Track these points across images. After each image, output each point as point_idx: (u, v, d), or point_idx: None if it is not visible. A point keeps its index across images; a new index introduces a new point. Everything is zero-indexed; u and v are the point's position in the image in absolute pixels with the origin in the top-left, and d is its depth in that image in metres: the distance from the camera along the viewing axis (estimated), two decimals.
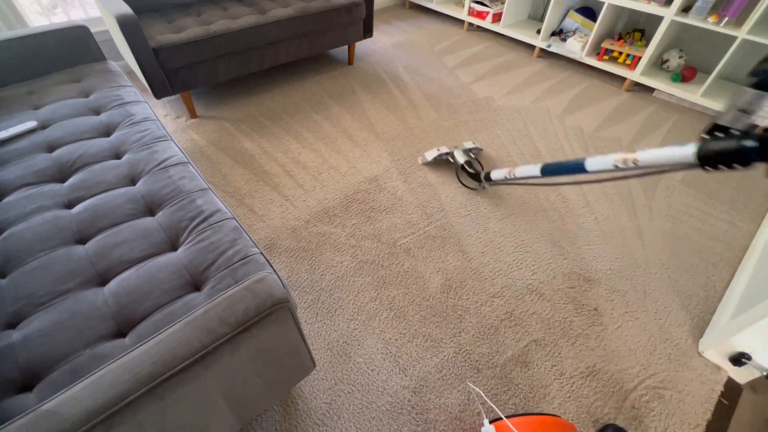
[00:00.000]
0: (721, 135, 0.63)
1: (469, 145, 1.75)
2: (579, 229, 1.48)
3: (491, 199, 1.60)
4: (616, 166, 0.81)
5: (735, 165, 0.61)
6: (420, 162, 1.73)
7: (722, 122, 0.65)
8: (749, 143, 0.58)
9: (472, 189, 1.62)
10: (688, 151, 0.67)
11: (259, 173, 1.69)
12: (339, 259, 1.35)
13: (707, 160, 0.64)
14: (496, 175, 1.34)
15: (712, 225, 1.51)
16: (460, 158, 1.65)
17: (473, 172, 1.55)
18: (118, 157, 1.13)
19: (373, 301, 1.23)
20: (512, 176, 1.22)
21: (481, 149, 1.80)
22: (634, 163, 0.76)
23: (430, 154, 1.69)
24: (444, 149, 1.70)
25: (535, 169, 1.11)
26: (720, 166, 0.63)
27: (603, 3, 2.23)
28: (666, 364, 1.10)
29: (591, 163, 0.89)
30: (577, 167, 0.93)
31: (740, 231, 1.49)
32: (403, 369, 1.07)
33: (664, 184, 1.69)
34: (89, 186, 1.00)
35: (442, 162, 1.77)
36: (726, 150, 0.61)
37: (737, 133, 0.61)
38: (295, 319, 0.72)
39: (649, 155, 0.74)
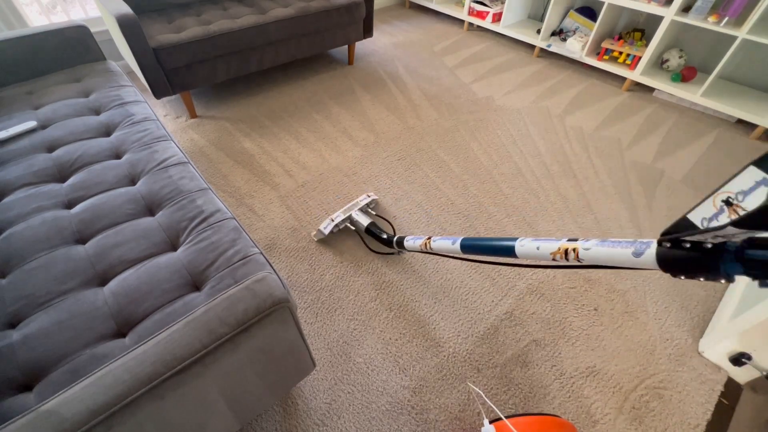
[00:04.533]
0: (688, 239, 0.47)
1: (364, 199, 1.49)
2: (579, 229, 1.48)
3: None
4: (554, 259, 0.64)
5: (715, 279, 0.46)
6: (315, 238, 1.41)
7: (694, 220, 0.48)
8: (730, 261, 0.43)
9: (385, 254, 1.37)
10: (649, 255, 0.51)
11: (259, 173, 1.69)
12: (339, 259, 1.35)
13: (673, 267, 0.49)
14: (410, 243, 1.09)
15: None
16: (362, 220, 1.39)
17: (384, 238, 1.28)
18: (118, 157, 1.13)
19: (373, 301, 1.23)
20: (428, 249, 0.98)
21: (376, 199, 1.54)
22: (577, 259, 0.60)
23: (325, 227, 1.36)
24: (339, 215, 1.40)
25: (454, 244, 0.87)
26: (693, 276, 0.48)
27: (603, 3, 2.23)
28: (666, 364, 1.10)
29: (523, 248, 0.70)
30: (505, 249, 0.74)
31: None
32: (403, 369, 1.07)
33: (664, 184, 1.69)
34: (89, 186, 1.00)
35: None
36: (698, 264, 0.46)
37: (710, 243, 0.45)
38: (295, 319, 0.72)
39: (597, 252, 0.57)
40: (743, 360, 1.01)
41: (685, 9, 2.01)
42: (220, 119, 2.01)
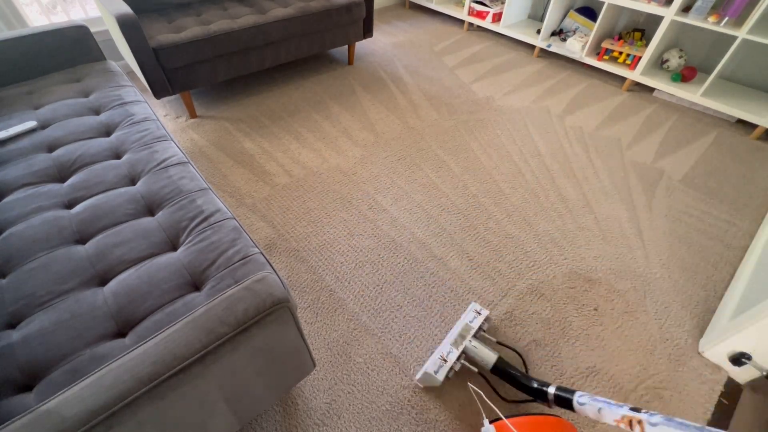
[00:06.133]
0: None
1: (473, 319, 1.04)
2: (579, 229, 1.48)
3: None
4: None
5: None
6: (420, 384, 1.02)
7: None
8: None
9: (521, 402, 1.00)
10: None
11: (259, 173, 1.69)
12: (339, 260, 1.35)
13: None
14: (590, 409, 0.71)
15: (712, 225, 1.51)
16: (487, 357, 0.97)
17: (533, 388, 0.88)
18: (118, 157, 1.13)
19: (374, 302, 1.23)
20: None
21: (488, 316, 1.09)
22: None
23: (437, 369, 0.94)
24: (449, 351, 0.97)
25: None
26: None
27: (603, 3, 2.23)
28: (666, 364, 1.10)
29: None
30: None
31: (740, 231, 1.48)
32: (403, 369, 1.07)
33: (664, 184, 1.69)
34: (89, 186, 1.00)
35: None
36: None
37: None
38: (295, 319, 0.72)
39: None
40: (743, 360, 1.01)
41: (685, 9, 2.01)
42: (220, 119, 2.01)
